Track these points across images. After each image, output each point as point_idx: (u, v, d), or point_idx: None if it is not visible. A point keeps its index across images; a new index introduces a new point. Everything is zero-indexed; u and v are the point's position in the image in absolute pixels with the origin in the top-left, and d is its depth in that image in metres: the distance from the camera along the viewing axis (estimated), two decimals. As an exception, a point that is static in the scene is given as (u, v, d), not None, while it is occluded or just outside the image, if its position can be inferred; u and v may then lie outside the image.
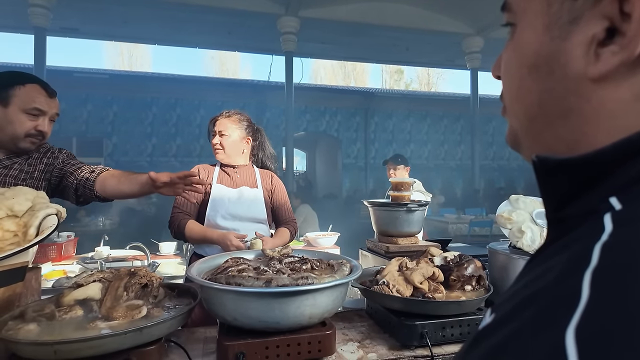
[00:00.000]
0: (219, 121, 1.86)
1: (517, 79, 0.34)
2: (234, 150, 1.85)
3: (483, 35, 8.20)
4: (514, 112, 0.36)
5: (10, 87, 1.36)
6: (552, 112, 0.32)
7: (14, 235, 1.06)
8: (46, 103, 1.41)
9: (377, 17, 7.32)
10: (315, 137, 10.57)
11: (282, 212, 1.91)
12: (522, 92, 0.34)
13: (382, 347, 1.08)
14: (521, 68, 0.34)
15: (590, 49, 0.28)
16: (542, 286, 0.23)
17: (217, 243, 1.66)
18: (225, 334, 0.97)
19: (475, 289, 1.19)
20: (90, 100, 8.20)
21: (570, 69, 0.29)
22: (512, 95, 0.36)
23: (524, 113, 0.34)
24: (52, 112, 1.43)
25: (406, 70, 22.15)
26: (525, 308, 0.23)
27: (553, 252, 0.26)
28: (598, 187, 0.27)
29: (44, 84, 1.43)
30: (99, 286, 1.00)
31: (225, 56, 21.94)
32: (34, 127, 1.38)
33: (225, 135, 1.83)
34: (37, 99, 1.39)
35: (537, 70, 0.32)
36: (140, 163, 8.51)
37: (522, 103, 0.34)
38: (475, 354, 0.24)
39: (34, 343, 0.80)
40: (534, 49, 0.32)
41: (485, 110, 9.27)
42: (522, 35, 0.33)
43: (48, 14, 6.42)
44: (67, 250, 3.09)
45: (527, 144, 0.36)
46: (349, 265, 1.14)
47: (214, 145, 1.85)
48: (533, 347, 0.20)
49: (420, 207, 1.65)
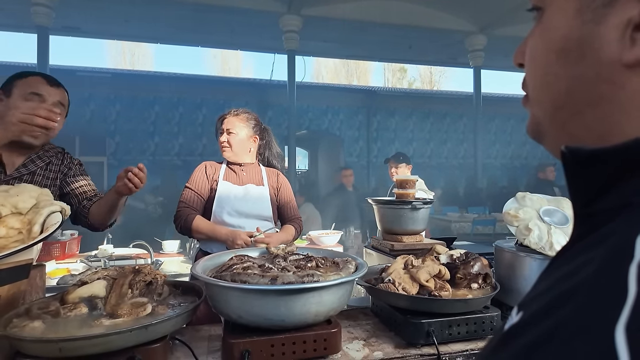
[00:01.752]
0: (227, 119, 1.86)
1: (543, 65, 0.33)
2: (241, 149, 1.85)
3: (486, 33, 8.16)
4: (538, 101, 0.35)
5: (14, 80, 1.43)
6: (581, 100, 0.30)
7: (18, 232, 1.05)
8: (45, 90, 1.43)
9: (380, 15, 7.28)
10: (318, 136, 10.54)
11: (287, 210, 1.91)
12: (549, 79, 0.33)
13: (388, 345, 1.07)
14: (549, 53, 0.32)
15: (625, 34, 0.27)
16: (581, 281, 0.22)
17: (224, 240, 1.66)
18: (230, 331, 0.96)
19: (481, 287, 1.18)
20: (93, 99, 8.20)
21: (603, 54, 0.28)
22: (537, 83, 0.34)
23: (551, 101, 0.33)
24: (52, 100, 1.44)
25: (409, 69, 22.09)
26: (562, 305, 0.22)
27: (585, 247, 0.25)
28: (630, 179, 0.25)
29: (47, 75, 1.48)
30: (104, 284, 0.99)
31: (227, 55, 21.93)
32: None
33: (233, 133, 1.83)
34: (35, 85, 1.43)
35: (566, 55, 0.31)
36: (142, 162, 8.48)
37: (548, 90, 0.33)
38: (506, 354, 0.23)
39: (39, 340, 0.80)
40: (564, 33, 0.31)
41: (488, 108, 9.23)
42: (551, 19, 0.32)
43: (50, 13, 6.42)
44: (71, 249, 3.09)
45: (552, 134, 0.34)
46: (354, 263, 1.13)
47: (222, 143, 1.85)
48: (577, 345, 0.19)
49: (425, 205, 1.64)
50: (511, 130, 11.07)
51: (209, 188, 1.80)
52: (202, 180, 1.81)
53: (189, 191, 1.80)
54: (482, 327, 1.10)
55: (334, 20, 7.39)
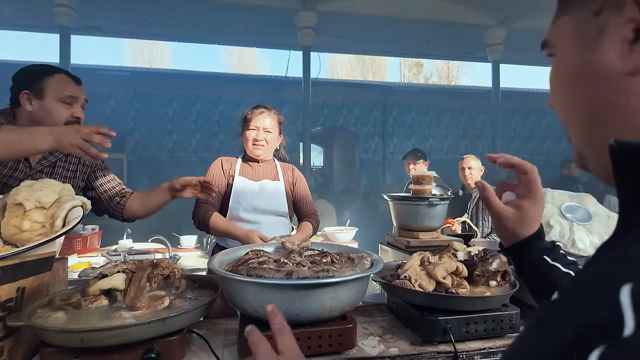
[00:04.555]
0: (263, 117, 1.82)
1: (564, 95, 0.39)
2: (273, 147, 1.86)
3: (505, 26, 7.95)
4: (572, 129, 0.40)
5: (41, 79, 1.40)
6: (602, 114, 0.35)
7: (41, 226, 1.08)
8: (76, 90, 1.47)
9: (396, 9, 7.19)
10: (333, 132, 10.52)
11: (304, 205, 1.90)
12: (572, 105, 0.38)
13: (404, 342, 1.06)
14: (565, 85, 0.39)
15: (623, 49, 0.33)
16: None
17: (240, 240, 1.67)
18: (246, 325, 0.97)
19: (500, 284, 1.16)
20: (113, 97, 8.38)
21: (608, 70, 0.34)
22: (564, 112, 0.40)
23: (580, 124, 0.38)
24: (82, 99, 1.48)
25: (425, 64, 21.77)
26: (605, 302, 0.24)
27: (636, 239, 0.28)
28: None
29: (68, 72, 1.49)
30: (123, 277, 1.01)
31: (243, 52, 22.08)
32: (70, 114, 1.43)
33: (270, 132, 1.81)
34: (68, 87, 1.44)
35: (578, 81, 0.37)
36: (161, 159, 8.66)
37: (574, 115, 0.39)
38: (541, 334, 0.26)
39: (62, 330, 0.82)
40: (573, 64, 0.37)
41: (507, 103, 9.02)
42: (561, 58, 0.39)
43: (72, 13, 6.57)
44: (92, 243, 3.17)
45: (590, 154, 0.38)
46: (370, 259, 1.13)
47: (258, 140, 1.80)
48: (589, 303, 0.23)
49: (442, 201, 1.61)
50: (531, 125, 10.80)
51: (226, 183, 1.81)
52: (219, 175, 1.82)
53: None
54: (500, 326, 1.08)
55: (349, 16, 7.33)
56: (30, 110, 1.39)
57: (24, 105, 1.39)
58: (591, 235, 1.13)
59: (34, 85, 1.39)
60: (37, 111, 1.39)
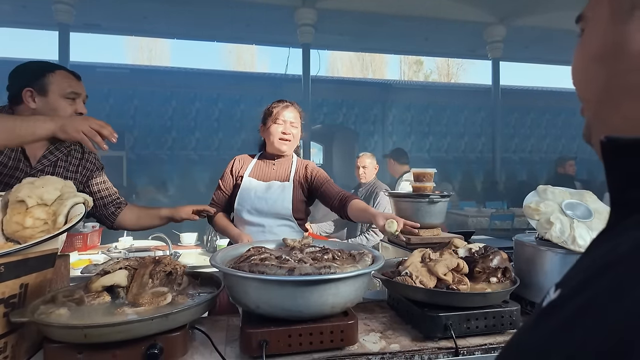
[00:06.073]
0: (290, 110, 1.78)
1: (584, 70, 0.38)
2: (296, 143, 1.82)
3: (505, 24, 7.95)
4: (586, 103, 0.39)
5: (43, 76, 1.39)
6: (619, 92, 0.34)
7: (44, 223, 1.09)
8: (78, 85, 1.46)
9: (396, 6, 7.17)
10: (333, 130, 10.51)
11: (331, 187, 1.77)
12: (591, 81, 0.37)
13: (405, 338, 1.07)
14: (590, 59, 0.37)
15: None
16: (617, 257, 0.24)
17: (232, 240, 1.71)
18: (248, 321, 0.97)
19: (500, 281, 1.16)
20: (112, 95, 8.36)
21: (634, 48, 0.32)
22: (581, 87, 0.39)
23: (594, 100, 0.37)
24: (83, 95, 1.48)
25: (425, 61, 21.73)
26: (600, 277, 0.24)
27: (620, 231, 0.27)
28: None
29: (67, 69, 1.49)
30: (125, 273, 1.02)
31: (242, 50, 22.00)
32: (74, 110, 1.43)
33: (295, 126, 1.78)
34: (70, 83, 1.44)
35: (602, 57, 0.36)
36: (160, 156, 8.66)
37: (591, 90, 0.38)
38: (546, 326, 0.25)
39: (65, 326, 0.82)
40: (600, 40, 0.36)
41: (506, 101, 9.02)
42: (589, 34, 0.38)
43: (72, 11, 6.56)
44: (92, 240, 3.18)
45: (596, 131, 0.38)
46: (371, 256, 1.13)
47: (286, 134, 1.74)
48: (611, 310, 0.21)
49: (443, 199, 1.62)
50: (530, 123, 10.80)
51: (234, 184, 1.81)
52: (228, 177, 1.83)
53: (218, 186, 1.84)
54: (501, 322, 1.08)
55: (349, 13, 7.32)
56: (33, 108, 1.37)
57: (27, 103, 1.37)
58: (592, 232, 1.14)
59: (36, 82, 1.37)
60: (41, 108, 1.37)
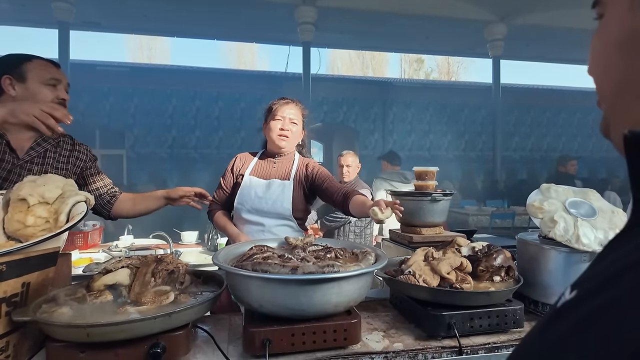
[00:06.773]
0: (290, 107, 1.78)
1: (603, 59, 0.36)
2: (296, 141, 1.82)
3: (506, 22, 7.93)
4: (603, 95, 0.37)
5: (21, 64, 1.39)
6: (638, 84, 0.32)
7: (45, 221, 1.08)
8: (57, 73, 1.45)
9: (396, 5, 7.15)
10: (333, 129, 10.48)
11: (332, 184, 1.74)
12: (609, 70, 0.35)
13: (408, 337, 1.07)
14: (606, 48, 0.36)
15: None
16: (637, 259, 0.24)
17: (230, 239, 1.72)
18: (251, 320, 0.97)
19: (504, 279, 1.16)
20: (112, 93, 8.35)
21: None
22: (599, 77, 0.37)
23: (612, 92, 0.35)
24: (64, 82, 1.47)
25: (426, 59, 21.68)
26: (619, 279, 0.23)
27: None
28: None
29: (47, 59, 1.48)
30: (127, 272, 1.01)
31: (242, 48, 21.95)
32: (55, 96, 1.42)
33: (295, 123, 1.77)
34: (49, 70, 1.43)
35: (621, 46, 0.34)
36: (160, 155, 8.65)
37: (609, 81, 0.36)
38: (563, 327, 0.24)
39: (68, 325, 0.82)
40: (619, 28, 0.34)
41: (507, 99, 9.02)
42: (609, 20, 0.36)
43: (71, 9, 6.55)
44: (93, 239, 3.18)
45: (616, 125, 0.36)
46: (374, 255, 1.13)
47: (284, 130, 1.74)
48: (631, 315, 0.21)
49: (445, 197, 1.61)
50: (531, 122, 10.79)
51: (234, 182, 1.81)
52: (229, 175, 1.83)
53: (219, 185, 1.85)
54: (504, 321, 1.08)
55: (349, 11, 7.30)
56: (14, 95, 1.37)
57: (7, 91, 1.37)
58: (595, 230, 1.13)
59: (14, 70, 1.38)
60: (22, 95, 1.37)
